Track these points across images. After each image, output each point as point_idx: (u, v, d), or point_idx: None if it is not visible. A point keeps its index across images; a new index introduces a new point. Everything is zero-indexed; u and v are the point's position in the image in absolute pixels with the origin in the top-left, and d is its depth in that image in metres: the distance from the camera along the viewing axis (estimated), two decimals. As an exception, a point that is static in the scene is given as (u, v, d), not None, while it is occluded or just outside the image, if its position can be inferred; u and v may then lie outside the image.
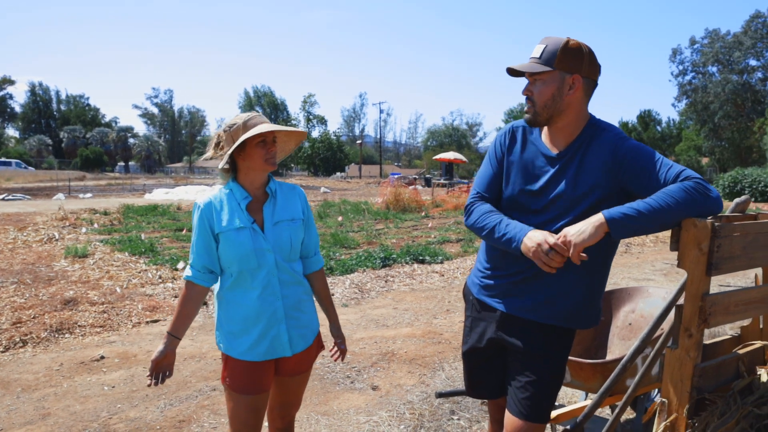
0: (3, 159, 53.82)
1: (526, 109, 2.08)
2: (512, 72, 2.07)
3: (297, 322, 2.32)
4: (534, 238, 1.90)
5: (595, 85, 2.05)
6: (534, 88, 2.02)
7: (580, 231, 1.82)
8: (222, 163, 2.23)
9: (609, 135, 2.01)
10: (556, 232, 1.96)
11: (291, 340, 2.30)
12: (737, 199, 2.08)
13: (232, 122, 2.24)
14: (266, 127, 2.16)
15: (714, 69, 48.33)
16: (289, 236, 2.28)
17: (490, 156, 2.25)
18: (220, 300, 2.31)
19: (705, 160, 50.51)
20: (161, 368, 2.22)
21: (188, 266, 2.29)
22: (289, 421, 2.50)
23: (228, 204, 2.23)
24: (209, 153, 2.32)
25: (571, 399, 3.96)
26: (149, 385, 2.25)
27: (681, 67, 49.85)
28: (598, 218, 1.83)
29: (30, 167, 53.59)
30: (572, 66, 1.98)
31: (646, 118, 51.31)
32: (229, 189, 2.27)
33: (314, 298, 2.49)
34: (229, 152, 2.18)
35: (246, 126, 2.19)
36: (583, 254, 1.81)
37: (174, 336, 2.23)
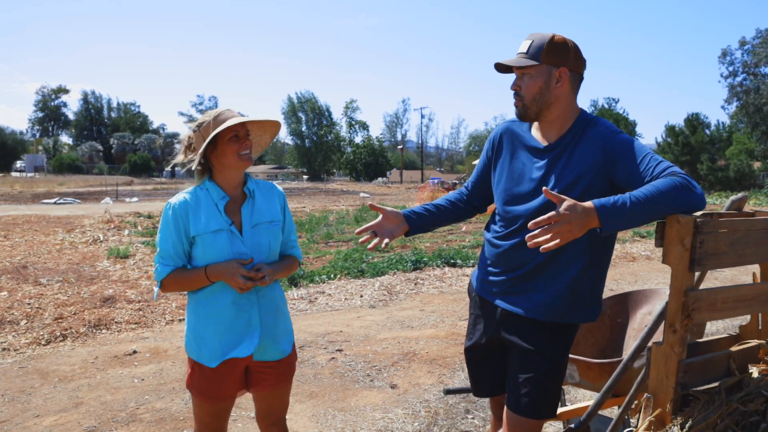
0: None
1: (515, 103, 2.11)
2: (500, 68, 2.11)
3: (272, 331, 2.24)
4: None
5: (581, 79, 2.08)
6: (522, 82, 2.05)
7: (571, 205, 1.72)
8: (195, 163, 2.14)
9: (600, 129, 2.03)
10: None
11: (265, 349, 2.22)
12: (733, 197, 2.07)
13: (201, 120, 2.16)
14: (237, 120, 2.09)
15: (767, 70, 46.55)
16: (268, 240, 2.20)
17: (482, 155, 2.33)
18: (191, 303, 2.22)
19: (757, 165, 48.57)
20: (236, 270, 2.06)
21: (158, 267, 2.15)
22: (281, 426, 2.45)
23: (205, 204, 2.14)
24: (179, 157, 2.23)
25: (591, 399, 3.93)
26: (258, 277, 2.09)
27: (731, 69, 48.12)
28: (588, 204, 1.75)
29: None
30: (558, 60, 2.01)
31: (694, 122, 49.51)
32: (205, 188, 2.17)
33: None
34: (201, 151, 2.10)
35: (216, 122, 2.10)
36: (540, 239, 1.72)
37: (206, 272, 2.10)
